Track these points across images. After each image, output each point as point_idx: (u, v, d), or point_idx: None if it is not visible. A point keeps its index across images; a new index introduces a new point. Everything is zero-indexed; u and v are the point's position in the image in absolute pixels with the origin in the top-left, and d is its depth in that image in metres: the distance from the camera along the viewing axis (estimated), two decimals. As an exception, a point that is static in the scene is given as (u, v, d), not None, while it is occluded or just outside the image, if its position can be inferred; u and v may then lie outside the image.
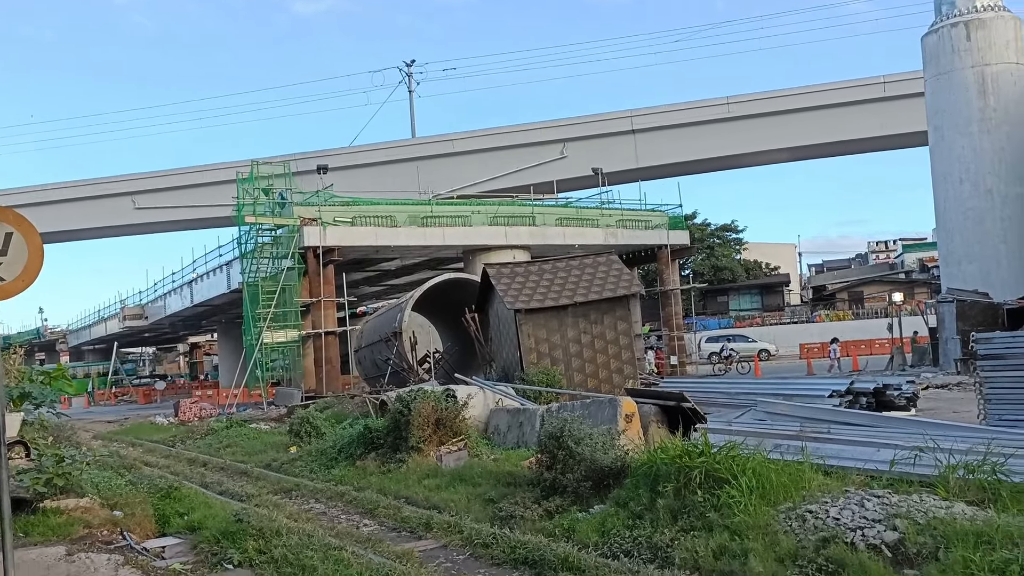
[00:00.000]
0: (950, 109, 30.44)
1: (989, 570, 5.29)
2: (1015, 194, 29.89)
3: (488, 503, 9.92)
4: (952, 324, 26.74)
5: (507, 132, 49.92)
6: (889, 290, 56.85)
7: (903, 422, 11.36)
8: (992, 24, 29.87)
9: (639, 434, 11.94)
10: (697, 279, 62.94)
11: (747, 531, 6.83)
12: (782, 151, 49.84)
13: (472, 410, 14.46)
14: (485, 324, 23.70)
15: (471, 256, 36.82)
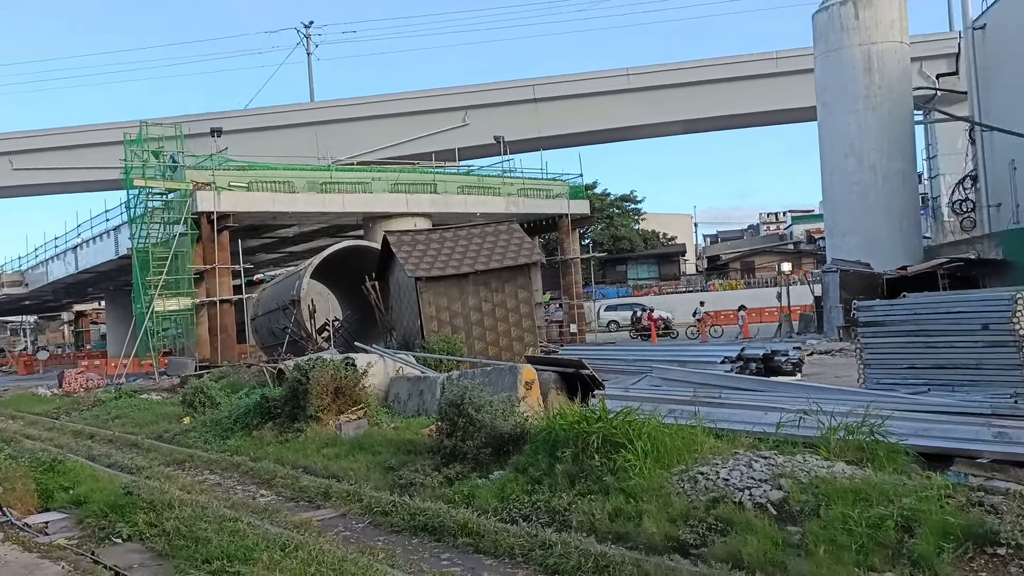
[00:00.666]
0: (838, 86, 31.56)
1: (866, 525, 5.58)
2: (896, 169, 31.31)
3: (388, 471, 9.89)
4: (836, 293, 27.97)
5: (408, 98, 49.19)
6: (778, 260, 59.16)
7: (789, 386, 11.86)
8: (879, 4, 31.01)
9: (539, 401, 12.08)
10: (597, 248, 63.86)
11: (642, 493, 7.02)
12: (679, 123, 50.76)
13: (372, 379, 14.35)
14: (386, 292, 23.48)
15: (371, 223, 36.29)
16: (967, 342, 11.05)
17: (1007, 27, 30.24)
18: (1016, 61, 28.41)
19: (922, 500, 5.69)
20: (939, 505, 5.63)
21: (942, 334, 11.35)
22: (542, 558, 6.36)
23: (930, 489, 5.94)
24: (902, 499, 5.79)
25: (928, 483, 6.18)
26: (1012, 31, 29.20)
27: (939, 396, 10.12)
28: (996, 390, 10.28)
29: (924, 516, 5.48)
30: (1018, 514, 5.44)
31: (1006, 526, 5.21)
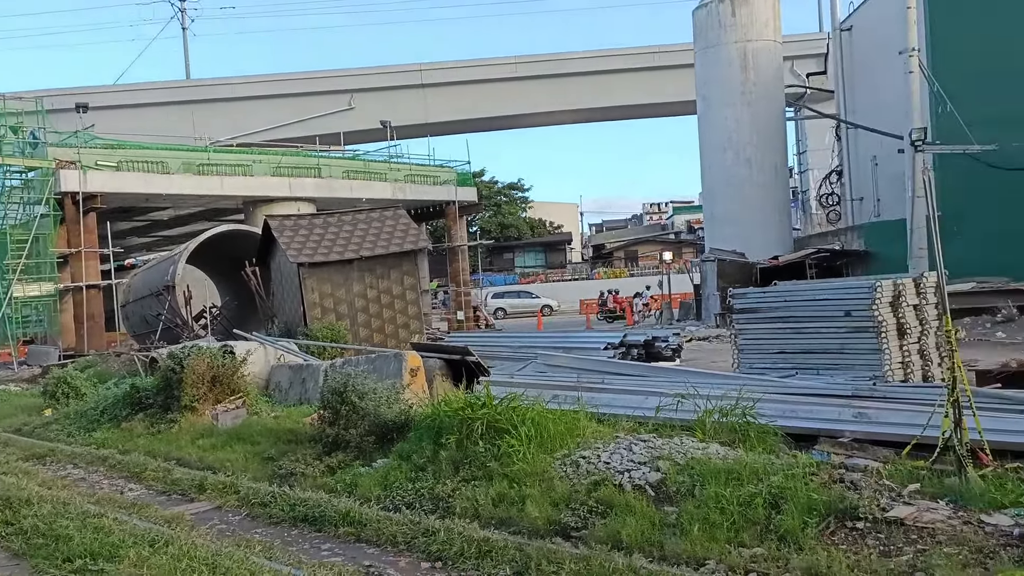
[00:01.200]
0: (716, 81, 32.61)
1: (737, 503, 5.79)
2: (770, 163, 32.64)
3: (267, 461, 9.63)
4: (713, 281, 29.01)
5: (292, 79, 47.97)
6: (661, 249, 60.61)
7: (669, 371, 12.22)
8: (754, 2, 32.17)
9: (424, 388, 12.02)
10: (484, 236, 64.08)
11: (525, 478, 7.07)
12: (565, 112, 51.42)
13: (252, 367, 13.94)
14: (267, 278, 22.85)
15: (253, 208, 35.22)
16: (832, 328, 11.63)
17: (871, 29, 31.94)
18: (879, 62, 30.02)
19: (789, 478, 5.95)
20: (804, 483, 5.89)
21: (809, 320, 11.90)
22: (425, 545, 6.32)
23: (796, 468, 6.21)
24: (771, 478, 6.03)
25: (795, 462, 6.47)
26: (875, 33, 30.85)
27: (806, 379, 10.62)
28: (857, 373, 10.86)
29: (790, 493, 5.73)
30: (875, 489, 5.76)
31: (864, 501, 5.51)
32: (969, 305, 20.22)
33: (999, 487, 5.71)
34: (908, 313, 11.40)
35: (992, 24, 25.32)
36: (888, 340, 11.04)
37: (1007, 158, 23.44)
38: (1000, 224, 24.47)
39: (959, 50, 25.64)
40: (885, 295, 11.20)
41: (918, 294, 11.65)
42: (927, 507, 5.50)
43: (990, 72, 25.29)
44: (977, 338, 17.74)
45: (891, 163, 28.28)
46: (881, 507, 5.47)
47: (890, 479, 6.14)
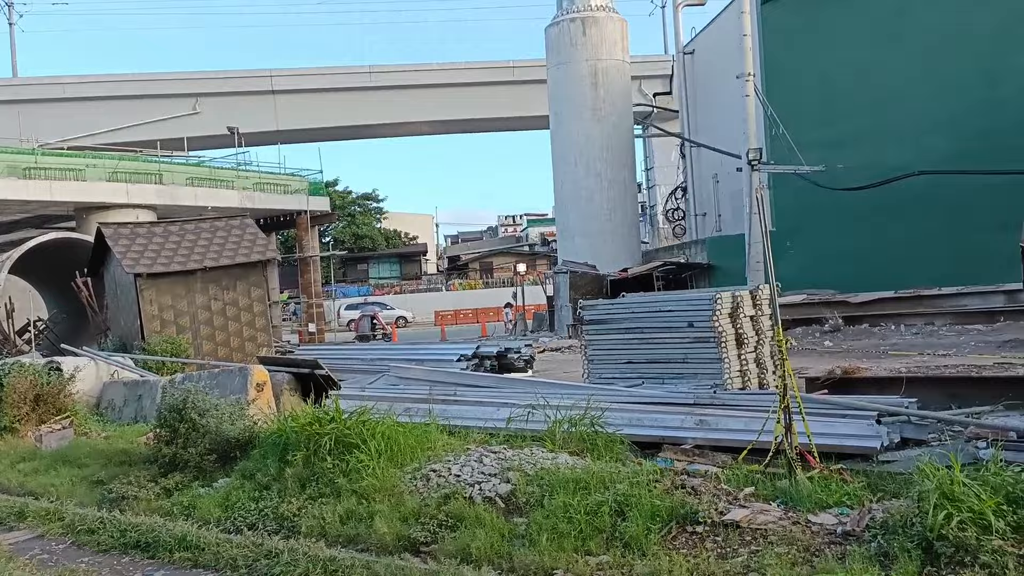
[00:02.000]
0: (568, 97, 33.42)
1: (585, 512, 5.87)
2: (619, 178, 33.73)
3: (96, 485, 9.02)
4: (566, 293, 29.60)
5: (132, 80, 45.55)
6: (515, 261, 61.42)
7: (521, 382, 12.32)
8: (604, 23, 33.24)
9: (270, 403, 11.59)
10: (338, 246, 63.01)
11: (375, 494, 6.93)
12: (422, 124, 51.29)
13: (82, 384, 13.08)
14: (101, 290, 21.53)
15: (86, 215, 33.12)
16: (676, 338, 12.06)
17: (712, 54, 33.64)
18: (718, 84, 31.64)
19: (634, 486, 6.08)
20: (648, 490, 6.04)
21: (655, 331, 12.30)
22: (267, 568, 6.08)
23: (641, 475, 6.36)
24: (617, 486, 6.15)
25: (639, 469, 6.63)
26: (716, 58, 32.51)
27: (652, 388, 10.95)
28: (700, 381, 11.31)
29: (635, 501, 5.86)
30: (714, 494, 5.98)
31: (703, 505, 5.70)
32: (801, 316, 21.49)
33: (825, 488, 6.04)
34: (746, 324, 11.98)
35: (821, 55, 27.24)
36: (727, 350, 11.55)
37: (834, 179, 25.20)
38: (829, 240, 26.28)
39: (791, 77, 27.43)
40: (724, 307, 11.71)
41: (754, 305, 12.25)
42: (761, 509, 5.76)
43: (819, 98, 27.19)
44: (807, 347, 18.84)
45: (731, 181, 29.86)
46: (719, 511, 5.68)
47: (728, 483, 6.39)
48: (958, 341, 17.47)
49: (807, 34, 27.55)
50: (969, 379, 10.81)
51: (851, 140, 26.19)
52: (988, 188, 23.76)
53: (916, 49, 25.78)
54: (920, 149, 25.01)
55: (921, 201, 24.82)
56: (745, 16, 25.17)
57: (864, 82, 26.70)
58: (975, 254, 22.58)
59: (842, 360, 14.71)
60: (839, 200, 25.59)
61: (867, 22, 26.66)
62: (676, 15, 38.27)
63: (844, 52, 26.98)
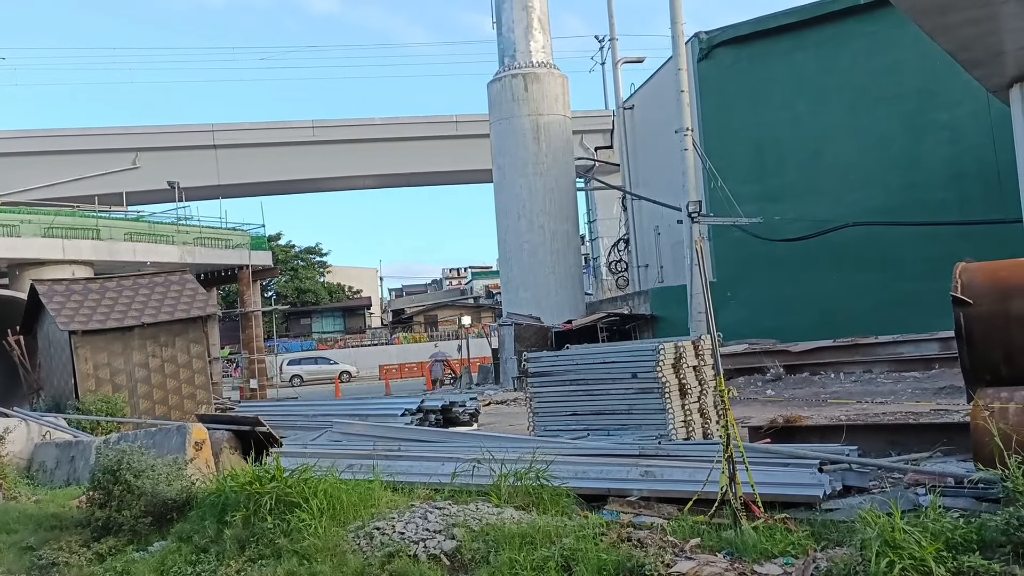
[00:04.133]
0: (510, 151, 33.82)
1: (531, 568, 5.81)
2: (562, 231, 34.04)
3: (26, 551, 8.66)
4: (511, 345, 29.58)
5: (69, 135, 44.86)
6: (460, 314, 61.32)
7: (466, 436, 12.17)
8: (545, 79, 33.85)
9: (209, 462, 11.28)
10: (280, 301, 62.30)
11: (316, 554, 6.77)
12: (365, 178, 51.42)
13: (11, 445, 12.62)
14: (34, 348, 20.88)
15: (19, 271, 32.28)
16: (620, 389, 12.10)
17: (650, 109, 34.47)
18: (656, 139, 32.39)
19: (580, 539, 6.04)
20: (594, 543, 6.00)
21: (599, 382, 12.33)
22: (204, 636, 5.86)
23: (587, 528, 6.33)
24: (563, 540, 6.11)
25: (586, 522, 6.60)
26: (654, 113, 33.32)
27: (597, 440, 10.93)
28: (645, 432, 11.33)
29: (582, 555, 5.82)
30: (660, 546, 5.97)
31: (650, 558, 5.69)
32: (743, 365, 21.77)
33: (769, 537, 6.07)
34: (689, 374, 12.09)
35: (755, 110, 28.16)
36: (671, 400, 11.63)
37: (771, 230, 25.85)
38: (768, 290, 26.84)
39: (727, 131, 28.25)
40: (667, 357, 11.82)
41: (697, 355, 12.40)
42: (707, 561, 5.76)
43: (754, 152, 28.04)
44: (750, 396, 19.05)
45: (672, 232, 30.38)
46: (666, 563, 5.66)
47: (674, 535, 6.39)
48: (896, 388, 17.85)
49: (741, 90, 28.47)
50: (907, 426, 11.04)
51: (785, 192, 26.99)
52: (917, 238, 24.61)
53: (842, 105, 26.80)
54: (850, 201, 25.85)
55: (855, 251, 25.57)
56: (682, 73, 25.87)
57: (795, 137, 27.64)
58: (908, 302, 23.25)
59: (784, 408, 14.91)
60: (776, 251, 26.24)
61: (796, 79, 27.69)
62: (615, 71, 39.15)
63: (776, 108, 27.93)
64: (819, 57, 27.33)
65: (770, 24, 27.96)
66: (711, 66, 28.83)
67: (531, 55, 33.70)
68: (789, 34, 27.72)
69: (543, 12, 34.33)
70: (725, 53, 28.82)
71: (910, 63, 25.18)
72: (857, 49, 26.57)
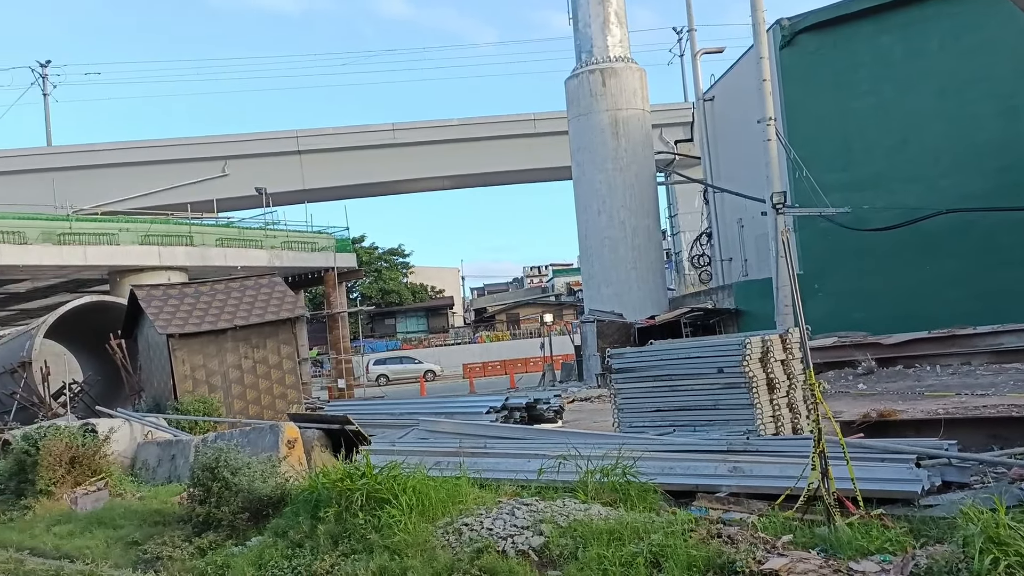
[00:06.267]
0: (589, 147, 33.71)
1: (620, 564, 5.79)
2: (643, 226, 33.76)
3: (131, 546, 9.05)
4: (593, 342, 29.48)
5: (162, 146, 46.67)
6: (541, 312, 61.57)
7: (551, 433, 12.23)
8: (623, 73, 33.62)
9: (301, 460, 11.61)
10: (365, 302, 63.49)
11: (407, 549, 6.88)
12: (444, 179, 51.93)
13: (116, 445, 13.16)
14: (134, 351, 21.79)
15: (119, 278, 33.73)
16: (706, 385, 11.94)
17: (731, 99, 33.84)
18: (738, 130, 31.77)
19: (669, 536, 6.00)
20: (683, 539, 5.95)
21: (684, 378, 12.19)
22: (301, 628, 6.03)
23: (675, 524, 6.28)
24: (651, 536, 6.07)
25: (674, 519, 6.55)
26: (735, 103, 32.69)
27: (683, 436, 10.83)
28: (732, 428, 11.16)
29: (671, 551, 5.78)
30: (751, 542, 5.88)
31: (741, 555, 5.61)
32: (832, 359, 21.20)
33: (865, 534, 5.92)
34: (776, 368, 11.85)
35: (840, 97, 27.31)
36: (759, 395, 11.42)
37: (860, 220, 25.07)
38: (857, 281, 26.04)
39: (812, 120, 27.49)
40: (754, 352, 11.61)
41: (784, 349, 12.14)
42: (800, 558, 5.65)
43: (840, 140, 27.21)
44: (840, 390, 18.54)
45: (756, 225, 29.77)
46: (757, 560, 5.58)
47: (765, 531, 6.28)
48: (996, 380, 17.11)
49: (826, 77, 27.67)
50: (1010, 419, 10.60)
51: (873, 181, 26.11)
52: (1015, 224, 23.52)
53: (931, 89, 25.78)
54: (941, 188, 24.85)
55: (948, 239, 24.59)
56: (764, 61, 25.29)
57: (882, 123, 26.70)
58: (1007, 291, 22.26)
59: (877, 403, 14.48)
60: (865, 241, 25.42)
61: (882, 63, 26.75)
62: (695, 63, 38.55)
63: (862, 94, 27.04)
64: (905, 40, 26.35)
65: (854, 8, 27.09)
66: (793, 53, 28.09)
67: (608, 50, 33.51)
68: (874, 17, 26.80)
69: (620, 6, 34.09)
70: (808, 39, 28.04)
71: (1002, 42, 24.08)
72: (945, 30, 25.53)
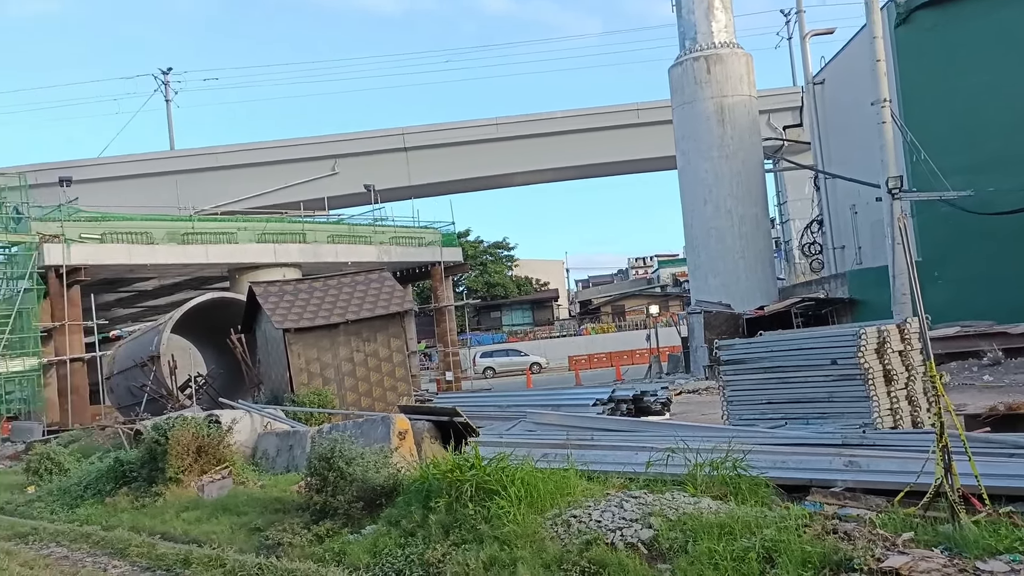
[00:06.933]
0: (694, 136, 33.11)
1: (731, 559, 5.71)
2: (750, 214, 32.96)
3: (254, 532, 9.47)
4: (700, 333, 29.04)
5: (276, 147, 48.42)
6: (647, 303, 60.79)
7: (658, 426, 12.12)
8: (728, 60, 32.86)
9: (412, 451, 11.89)
10: (471, 295, 64.24)
11: (516, 540, 6.96)
12: (548, 171, 52.00)
13: (238, 435, 13.78)
14: (253, 345, 22.74)
15: (238, 275, 35.23)
16: (819, 376, 11.61)
17: (843, 82, 32.62)
18: (851, 113, 30.61)
19: (782, 531, 5.88)
20: (797, 535, 5.82)
21: (796, 369, 11.88)
22: (415, 614, 6.19)
23: (789, 520, 6.14)
24: (763, 531, 5.96)
25: (787, 514, 6.40)
26: (848, 86, 31.51)
27: (795, 429, 10.56)
28: (847, 421, 10.81)
29: (784, 546, 5.66)
30: (869, 539, 5.69)
31: (859, 552, 5.44)
32: (955, 349, 20.26)
33: (993, 533, 5.66)
34: (894, 359, 11.41)
35: (960, 76, 25.93)
36: (875, 387, 11.02)
37: (983, 203, 23.80)
38: (980, 268, 24.72)
39: (929, 101, 26.22)
40: (870, 342, 11.21)
41: (903, 340, 11.67)
42: (922, 556, 5.44)
43: (960, 121, 25.84)
44: (964, 382, 17.71)
45: (870, 211, 28.64)
46: (876, 557, 5.40)
47: (884, 528, 6.08)
48: None
49: (944, 56, 26.32)
50: None
51: (996, 162, 24.65)
52: None
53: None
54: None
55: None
56: (877, 41, 24.27)
57: (1006, 101, 25.20)
58: None
59: (1005, 395, 13.75)
60: (989, 225, 24.08)
61: (1004, 39, 25.25)
62: (804, 45, 37.31)
63: (983, 72, 25.58)
64: (1029, 13, 24.82)
65: (973, -20, 25.71)
66: (909, 31, 26.82)
67: (713, 36, 32.82)
68: (995, -10, 25.37)
69: (724, -10, 33.33)
70: (924, 16, 26.72)
71: None
72: (1071, 1, 23.93)
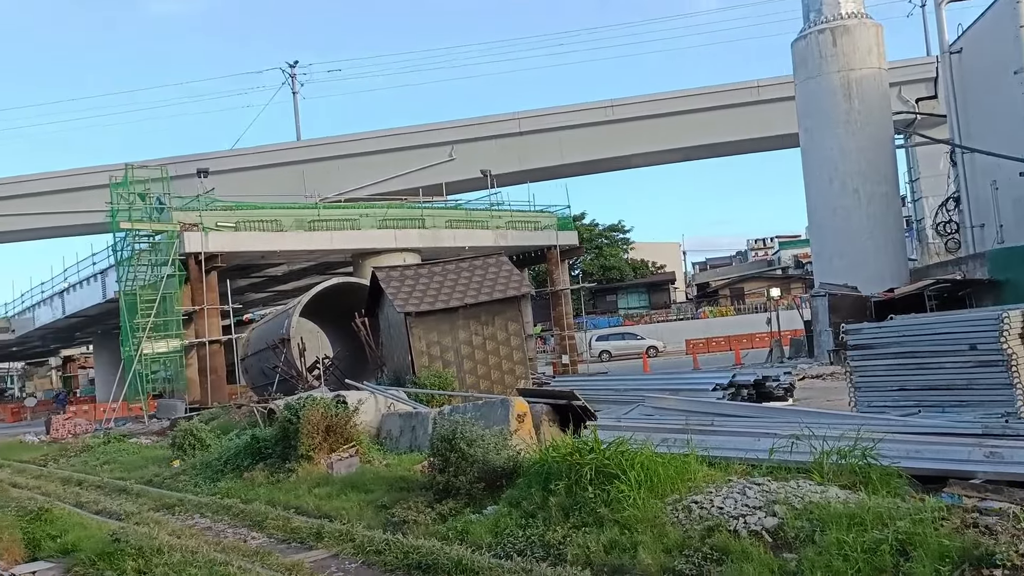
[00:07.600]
0: (819, 112, 31.89)
1: (862, 550, 5.54)
2: (879, 193, 31.56)
3: (381, 509, 9.80)
4: (825, 317, 28.03)
5: (395, 134, 49.51)
6: (767, 286, 59.22)
7: (781, 412, 11.83)
8: (856, 31, 31.45)
9: (531, 433, 12.02)
10: (586, 279, 64.12)
11: (636, 524, 6.96)
12: (664, 152, 51.18)
13: (363, 415, 14.27)
14: (375, 328, 23.42)
15: (360, 260, 36.33)
16: (956, 362, 11.07)
17: (983, 50, 30.71)
18: (993, 83, 28.80)
19: (917, 523, 5.66)
20: (934, 528, 5.59)
21: (931, 355, 11.36)
22: (538, 594, 6.29)
23: (924, 512, 5.90)
24: (897, 523, 5.75)
25: (922, 506, 6.15)
26: (988, 55, 29.66)
27: (930, 417, 10.11)
28: (986, 409, 10.28)
29: (919, 539, 5.45)
30: (1013, 534, 5.41)
31: (1002, 547, 5.18)
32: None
33: None
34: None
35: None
36: (1019, 374, 10.42)
37: None
38: None
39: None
40: (1014, 326, 10.60)
41: (1050, 324, 10.98)
42: (1072, 553, 5.13)
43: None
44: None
45: (1013, 187, 26.95)
46: (1020, 553, 5.13)
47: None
48: None
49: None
50: None
51: None
52: None
53: None
54: None
55: None
56: (1021, 6, 22.77)
57: None
58: None
59: None
60: None
61: None
62: (939, 13, 35.21)
63: None
64: None
65: None
66: (1057, -8, 25.03)
67: (839, 6, 31.46)
68: None
69: (851, -42, 31.88)
70: (1075, -25, 24.88)
71: None
72: None
